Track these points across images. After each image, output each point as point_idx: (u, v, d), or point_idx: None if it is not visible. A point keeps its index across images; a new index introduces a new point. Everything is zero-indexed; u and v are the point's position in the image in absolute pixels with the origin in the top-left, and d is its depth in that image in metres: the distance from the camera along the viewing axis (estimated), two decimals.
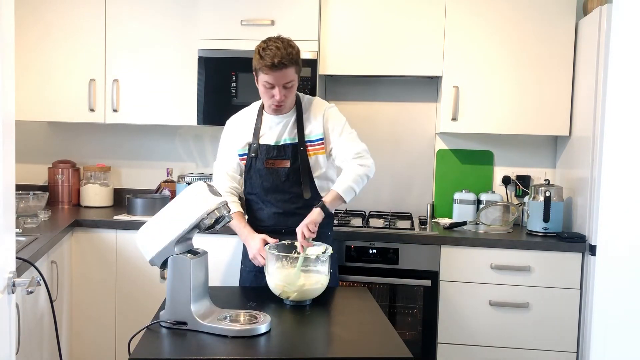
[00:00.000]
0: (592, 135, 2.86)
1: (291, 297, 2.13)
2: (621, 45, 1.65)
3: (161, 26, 3.34)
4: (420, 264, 3.00)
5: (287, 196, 2.49)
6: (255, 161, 2.50)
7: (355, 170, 2.43)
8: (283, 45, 2.36)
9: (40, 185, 3.69)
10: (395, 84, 3.55)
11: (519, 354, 2.96)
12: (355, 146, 2.48)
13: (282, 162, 2.47)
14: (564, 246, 2.91)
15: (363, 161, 2.45)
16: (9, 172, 1.62)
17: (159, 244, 1.90)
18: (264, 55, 2.34)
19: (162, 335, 1.86)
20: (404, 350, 1.78)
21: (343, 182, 2.41)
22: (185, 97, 3.33)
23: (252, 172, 2.52)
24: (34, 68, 3.38)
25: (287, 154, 2.47)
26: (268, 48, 2.34)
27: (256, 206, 2.55)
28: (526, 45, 3.13)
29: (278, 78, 2.36)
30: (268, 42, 2.38)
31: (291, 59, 2.35)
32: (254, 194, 2.55)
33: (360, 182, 2.43)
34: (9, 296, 1.64)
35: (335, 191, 2.40)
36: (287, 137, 2.49)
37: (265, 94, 2.43)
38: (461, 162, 3.52)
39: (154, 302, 2.85)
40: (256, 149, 2.50)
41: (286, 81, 2.38)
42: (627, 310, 2.36)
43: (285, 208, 2.49)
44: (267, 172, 2.48)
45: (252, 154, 2.51)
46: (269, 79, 2.36)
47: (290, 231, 2.44)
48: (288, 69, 2.36)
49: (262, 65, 2.34)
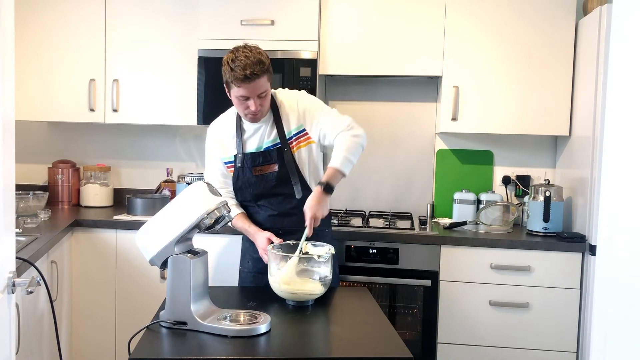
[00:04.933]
0: (592, 135, 2.86)
1: (288, 290, 2.12)
2: (621, 45, 1.65)
3: (161, 26, 3.34)
4: (420, 264, 3.00)
5: (279, 198, 2.46)
6: (242, 171, 2.45)
7: (349, 140, 2.36)
8: (252, 54, 2.26)
9: (40, 185, 3.69)
10: (395, 84, 3.55)
11: (519, 354, 2.96)
12: (342, 120, 2.42)
13: (269, 167, 2.43)
14: (564, 246, 2.91)
15: (354, 132, 2.38)
16: (9, 172, 1.62)
17: (159, 244, 1.90)
18: (234, 67, 2.24)
19: (162, 335, 1.86)
20: (404, 350, 1.78)
21: (338, 155, 2.34)
22: (185, 97, 3.33)
23: (240, 182, 2.47)
24: (34, 68, 3.38)
25: (273, 158, 2.42)
26: (237, 59, 2.25)
27: (251, 210, 2.52)
28: (526, 44, 3.13)
29: (251, 90, 2.27)
30: (236, 53, 2.27)
31: (262, 68, 2.26)
32: (246, 201, 2.52)
33: (355, 152, 2.36)
34: (9, 296, 1.64)
35: (333, 167, 2.32)
36: (268, 141, 2.43)
37: (240, 106, 2.35)
38: (461, 162, 3.52)
39: (154, 302, 2.85)
40: (242, 158, 2.45)
41: (260, 92, 2.29)
42: (627, 310, 2.36)
43: (280, 209, 2.47)
44: (256, 179, 2.44)
45: (239, 165, 2.46)
46: (242, 91, 2.28)
47: (288, 232, 2.43)
48: (260, 79, 2.27)
49: (234, 78, 2.25)
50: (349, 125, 2.40)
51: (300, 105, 2.45)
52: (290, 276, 2.13)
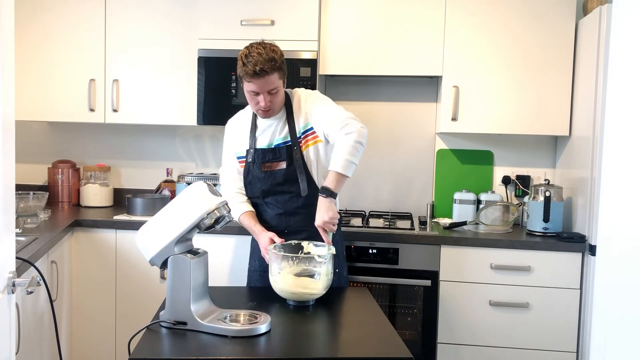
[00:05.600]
0: (592, 135, 2.86)
1: (288, 290, 2.12)
2: (621, 45, 1.65)
3: (161, 26, 3.34)
4: (420, 264, 3.00)
5: (286, 196, 2.48)
6: (252, 166, 2.49)
7: (345, 141, 2.31)
8: (265, 51, 2.29)
9: (40, 185, 3.69)
10: (395, 84, 3.55)
11: (519, 354, 2.96)
12: (338, 117, 2.37)
13: (278, 164, 2.45)
14: (564, 246, 2.91)
15: (349, 129, 2.32)
16: (9, 172, 1.62)
17: (159, 244, 1.90)
18: (246, 62, 2.28)
19: (162, 335, 1.86)
20: (404, 350, 1.78)
21: (337, 158, 2.31)
22: (185, 97, 3.34)
23: (251, 177, 2.51)
24: (34, 68, 3.38)
25: (282, 156, 2.44)
26: (250, 55, 2.28)
27: (260, 208, 2.54)
28: (526, 45, 3.13)
29: (261, 85, 2.31)
30: (250, 49, 2.31)
31: (273, 65, 2.28)
32: (255, 198, 2.54)
33: (354, 151, 2.31)
34: (9, 296, 1.64)
35: (333, 171, 2.30)
36: (279, 138, 2.46)
37: (251, 101, 2.39)
38: (461, 162, 3.52)
39: (154, 302, 2.85)
40: (252, 154, 2.49)
41: (270, 88, 2.32)
42: (627, 310, 2.37)
43: (286, 208, 2.49)
44: (265, 175, 2.47)
45: (250, 160, 2.50)
46: (252, 86, 2.32)
47: (293, 231, 2.45)
48: (271, 76, 2.29)
49: (244, 73, 2.29)
50: (343, 121, 2.35)
51: (308, 104, 2.46)
52: (291, 276, 2.13)
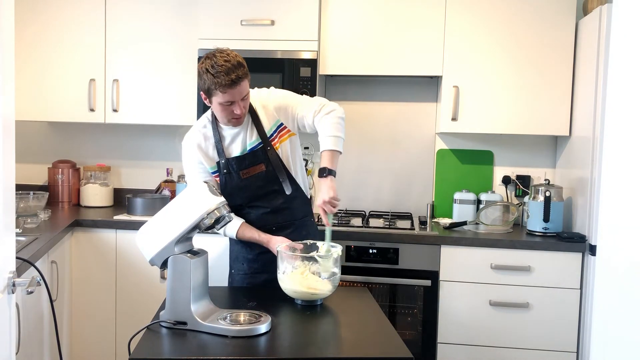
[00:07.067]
0: (592, 135, 2.86)
1: (298, 290, 2.12)
2: (621, 45, 1.65)
3: (161, 26, 3.34)
4: (420, 264, 3.00)
5: (270, 196, 2.45)
6: (229, 177, 2.42)
7: (328, 120, 2.34)
8: (230, 57, 2.21)
9: (40, 185, 3.69)
10: (395, 84, 3.55)
11: (519, 354, 2.96)
12: (310, 103, 2.41)
13: (257, 168, 2.42)
14: (564, 246, 2.91)
15: (327, 109, 2.37)
16: (9, 172, 1.62)
17: (159, 244, 1.91)
18: (216, 74, 2.18)
19: (162, 335, 1.85)
20: (404, 350, 1.78)
21: (326, 137, 2.32)
22: (185, 97, 3.33)
23: (229, 188, 2.43)
24: (33, 68, 3.38)
25: (259, 158, 2.40)
26: (217, 65, 2.18)
27: (243, 211, 2.49)
28: (526, 44, 3.13)
29: (236, 94, 2.23)
30: (213, 59, 2.21)
31: (244, 70, 2.23)
32: (236, 206, 2.47)
33: (340, 127, 2.35)
34: (9, 296, 1.64)
35: (327, 150, 2.31)
36: (252, 142, 2.41)
37: (223, 112, 2.29)
38: (461, 162, 3.52)
39: (154, 302, 2.85)
40: (226, 164, 2.41)
41: (244, 95, 2.26)
42: (627, 310, 2.37)
43: (272, 206, 2.46)
44: (245, 182, 2.41)
45: (224, 171, 2.42)
46: (226, 97, 2.23)
47: (281, 227, 2.44)
48: (243, 82, 2.23)
49: (218, 85, 2.19)
50: (320, 104, 2.39)
51: (273, 102, 2.44)
52: (299, 276, 2.13)
